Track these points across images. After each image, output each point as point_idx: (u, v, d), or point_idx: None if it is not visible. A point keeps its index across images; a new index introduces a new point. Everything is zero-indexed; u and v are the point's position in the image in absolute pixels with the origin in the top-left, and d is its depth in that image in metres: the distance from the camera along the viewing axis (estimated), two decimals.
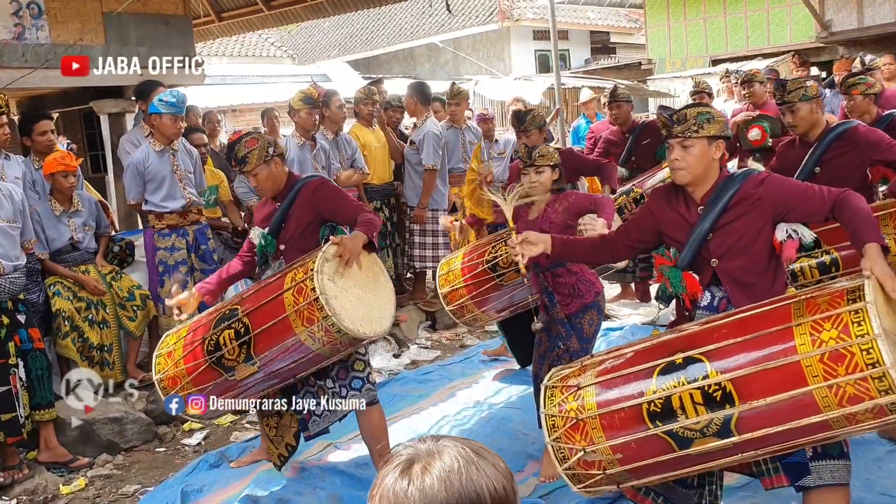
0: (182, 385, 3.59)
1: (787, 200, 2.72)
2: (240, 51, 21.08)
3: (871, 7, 11.81)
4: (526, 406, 4.90)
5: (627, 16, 23.85)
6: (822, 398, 2.33)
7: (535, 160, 3.96)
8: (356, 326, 3.34)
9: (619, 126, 6.40)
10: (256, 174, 3.69)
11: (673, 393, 2.51)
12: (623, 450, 2.59)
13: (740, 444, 2.46)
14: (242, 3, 9.67)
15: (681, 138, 2.77)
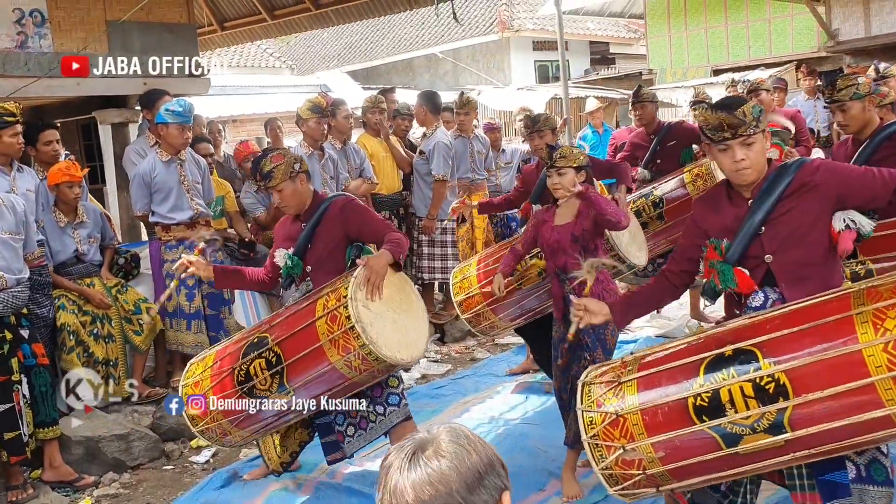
0: (212, 416, 3.49)
1: (846, 184, 2.56)
2: (238, 61, 21.02)
3: (878, 16, 11.76)
4: (544, 422, 4.79)
5: (627, 26, 23.84)
6: (885, 391, 2.16)
7: (555, 161, 3.85)
8: (394, 353, 3.25)
9: (645, 127, 6.26)
10: (281, 190, 3.59)
11: (721, 386, 2.35)
12: (666, 447, 2.43)
13: (793, 441, 2.29)
14: (245, 13, 9.60)
15: (744, 137, 2.59)
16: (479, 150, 7.15)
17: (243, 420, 3.49)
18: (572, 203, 3.90)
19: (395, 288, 3.45)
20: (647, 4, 19.13)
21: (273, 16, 9.33)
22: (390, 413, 3.59)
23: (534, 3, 21.47)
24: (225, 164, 7.05)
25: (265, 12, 9.32)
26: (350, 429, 3.66)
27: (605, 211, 3.75)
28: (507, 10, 21.26)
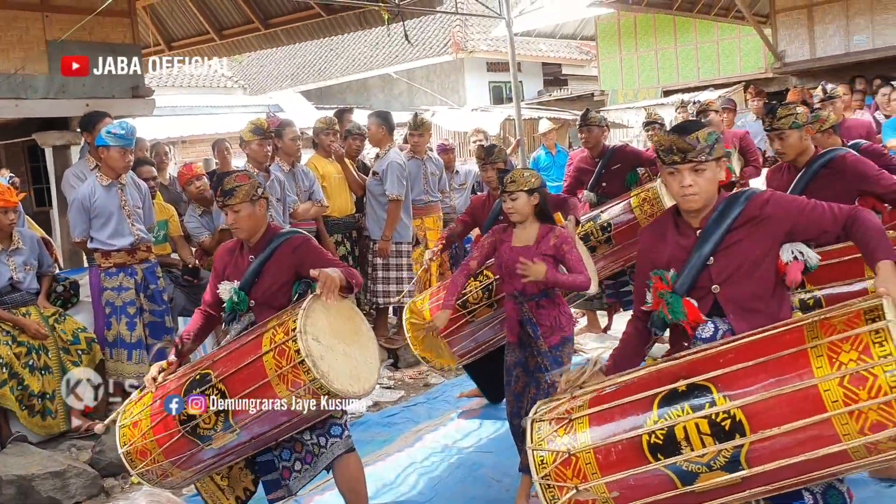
0: (153, 457, 3.32)
1: (796, 218, 2.53)
2: (190, 81, 20.73)
3: (822, 38, 12.04)
4: (497, 449, 4.70)
5: (579, 48, 24.10)
6: (842, 426, 2.14)
7: (507, 186, 3.89)
8: (345, 387, 3.12)
9: (590, 150, 6.29)
10: (238, 210, 3.45)
11: (676, 423, 2.30)
12: (620, 487, 2.37)
13: (750, 478, 2.25)
14: (193, 32, 9.46)
15: (694, 163, 2.54)
16: (433, 172, 7.08)
17: (185, 460, 3.32)
18: (530, 226, 3.93)
19: (344, 318, 3.34)
20: (598, 27, 19.35)
21: (221, 35, 9.21)
22: (332, 445, 3.46)
23: (487, 24, 21.57)
24: (171, 187, 6.87)
25: (213, 32, 9.19)
26: (297, 464, 3.51)
27: (567, 285, 3.87)
28: (460, 31, 21.33)
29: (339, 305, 3.34)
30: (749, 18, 13.16)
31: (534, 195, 3.89)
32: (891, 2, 11.43)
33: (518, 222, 3.95)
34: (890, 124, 7.93)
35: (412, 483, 4.40)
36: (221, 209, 3.57)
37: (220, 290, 3.51)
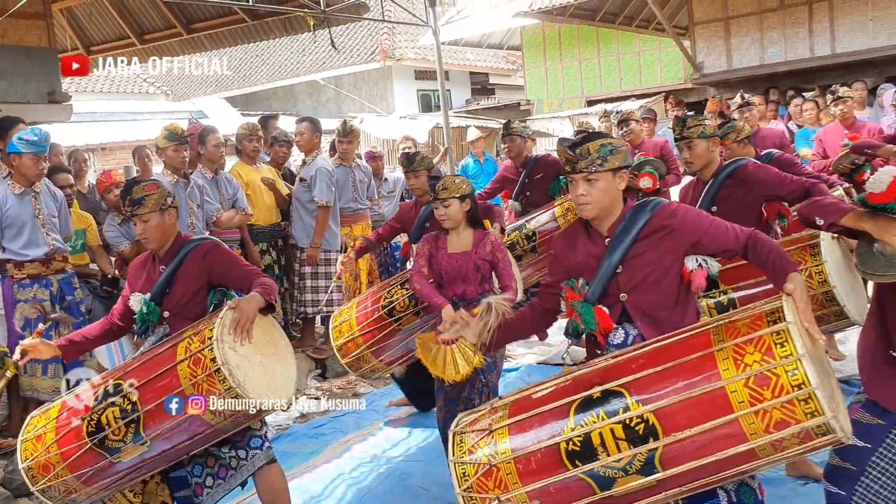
0: (56, 472, 3.16)
1: (701, 233, 2.64)
2: (110, 87, 20.18)
3: (738, 51, 12.45)
4: (426, 458, 4.69)
5: (505, 58, 24.37)
6: (748, 425, 2.23)
7: (439, 193, 3.94)
8: (261, 398, 3.06)
9: (513, 160, 6.35)
10: (147, 220, 3.36)
11: (592, 429, 2.35)
12: (541, 495, 2.41)
13: (665, 480, 2.32)
14: (113, 37, 9.21)
15: (585, 173, 2.63)
16: (361, 179, 7.04)
17: (92, 475, 3.17)
18: (464, 231, 4.00)
19: (262, 331, 3.27)
20: (523, 37, 19.63)
21: (142, 40, 8.99)
22: (253, 457, 3.38)
23: (414, 32, 21.63)
24: (89, 195, 6.65)
25: (134, 36, 8.97)
26: (209, 479, 3.41)
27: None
28: (388, 39, 21.33)
29: (260, 319, 3.25)
30: (669, 30, 13.53)
31: (465, 201, 3.96)
32: (802, 16, 11.91)
33: (451, 228, 4.01)
34: (802, 134, 8.27)
35: (340, 495, 4.35)
36: (130, 219, 3.47)
37: (131, 301, 3.41)
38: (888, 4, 11.16)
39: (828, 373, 2.42)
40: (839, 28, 11.67)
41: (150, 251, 3.52)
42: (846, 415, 2.37)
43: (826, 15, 11.74)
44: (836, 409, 2.23)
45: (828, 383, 2.30)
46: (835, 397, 2.30)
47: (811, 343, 2.32)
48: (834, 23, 11.68)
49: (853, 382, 5.12)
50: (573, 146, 2.66)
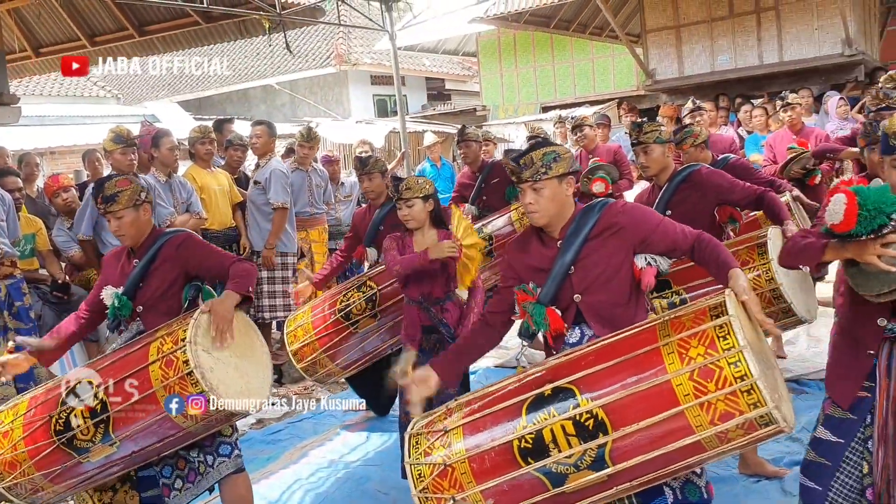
0: (22, 470, 3.11)
1: (648, 231, 2.70)
2: (59, 90, 19.77)
3: (689, 58, 12.66)
4: (384, 462, 4.68)
5: (461, 63, 24.46)
6: (694, 417, 2.28)
7: (402, 193, 3.94)
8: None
9: (469, 165, 6.39)
10: (122, 217, 3.32)
11: (544, 426, 2.38)
12: (494, 494, 2.43)
13: (615, 475, 2.35)
14: (63, 38, 9.03)
15: (531, 182, 2.69)
16: (318, 183, 7.01)
17: (59, 474, 3.12)
18: (428, 231, 4.02)
19: (239, 332, 3.21)
20: (479, 43, 19.72)
21: (93, 42, 8.82)
22: (220, 464, 3.34)
23: (370, 37, 21.60)
24: (38, 199, 6.51)
25: (84, 38, 8.80)
26: (178, 482, 3.37)
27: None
28: (344, 43, 21.26)
29: (235, 318, 3.21)
30: (622, 37, 13.71)
31: (429, 201, 3.99)
32: (750, 25, 12.17)
33: (415, 229, 4.03)
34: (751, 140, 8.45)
35: (298, 500, 4.31)
36: (104, 216, 3.43)
37: (103, 295, 3.37)
38: (832, 14, 11.46)
39: (771, 365, 2.49)
40: (786, 37, 11.95)
41: (123, 246, 3.48)
42: (790, 406, 2.43)
43: (773, 24, 12.02)
44: (779, 400, 2.28)
45: (770, 375, 2.36)
46: (778, 389, 2.37)
47: (754, 336, 2.39)
48: (781, 31, 11.96)
49: (803, 382, 5.26)
50: (517, 158, 2.73)
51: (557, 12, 14.29)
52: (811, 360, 5.45)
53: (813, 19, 11.75)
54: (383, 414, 5.32)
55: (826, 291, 7.28)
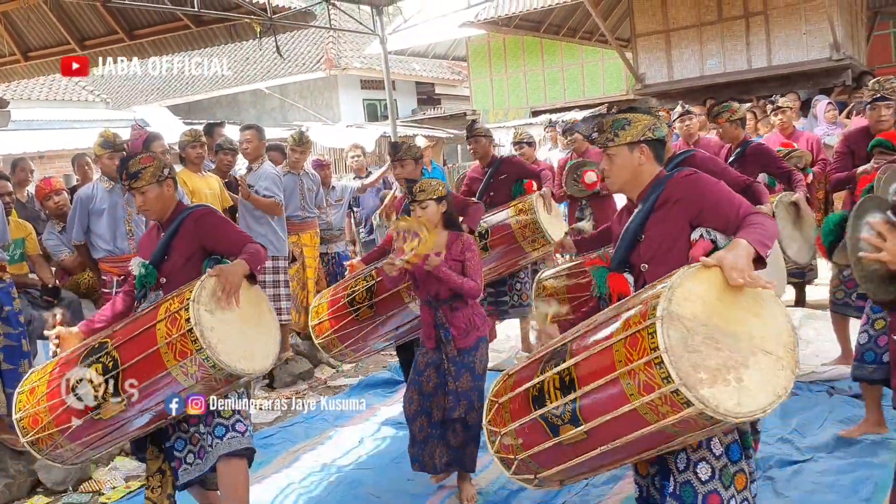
0: (43, 425, 3.23)
1: (703, 207, 2.64)
2: (48, 94, 19.69)
3: (679, 62, 12.72)
4: (377, 466, 4.68)
5: (451, 68, 24.51)
6: (626, 385, 2.32)
7: (416, 195, 3.95)
8: (233, 362, 3.05)
9: (480, 160, 6.41)
10: (145, 192, 3.44)
11: (545, 378, 2.60)
12: (521, 434, 2.67)
13: (591, 433, 2.46)
14: (52, 42, 8.98)
15: (603, 148, 2.79)
16: (310, 187, 7.01)
17: (74, 431, 3.22)
18: (441, 233, 3.98)
19: (248, 302, 3.27)
20: (469, 48, 19.78)
21: (83, 46, 8.78)
22: (216, 445, 3.34)
23: (360, 42, 21.62)
24: (28, 204, 6.47)
25: (74, 42, 8.76)
26: (189, 456, 3.43)
27: (456, 285, 3.88)
28: (333, 48, 21.27)
29: (247, 289, 3.29)
30: (612, 42, 13.77)
31: (442, 203, 3.97)
32: (739, 30, 12.24)
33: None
34: None
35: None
36: (129, 192, 3.55)
37: (131, 265, 3.50)
38: (820, 19, 11.54)
39: (732, 346, 2.32)
40: (775, 41, 12.03)
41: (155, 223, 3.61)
42: (739, 394, 2.26)
43: (762, 28, 12.09)
44: (706, 383, 2.21)
45: (715, 355, 2.27)
46: (724, 373, 2.26)
47: (702, 311, 2.31)
48: (770, 36, 12.03)
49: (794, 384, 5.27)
50: (593, 125, 2.83)
51: (547, 17, 14.35)
52: (802, 363, 5.46)
53: (801, 24, 11.84)
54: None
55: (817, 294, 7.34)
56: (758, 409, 2.27)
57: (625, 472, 4.25)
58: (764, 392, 2.30)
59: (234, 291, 3.15)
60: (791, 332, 2.42)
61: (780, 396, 2.32)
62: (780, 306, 2.45)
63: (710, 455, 2.57)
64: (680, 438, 2.40)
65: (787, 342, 2.39)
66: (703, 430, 2.36)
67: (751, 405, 2.27)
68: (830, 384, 5.23)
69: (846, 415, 4.66)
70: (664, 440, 2.42)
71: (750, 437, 2.70)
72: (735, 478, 2.60)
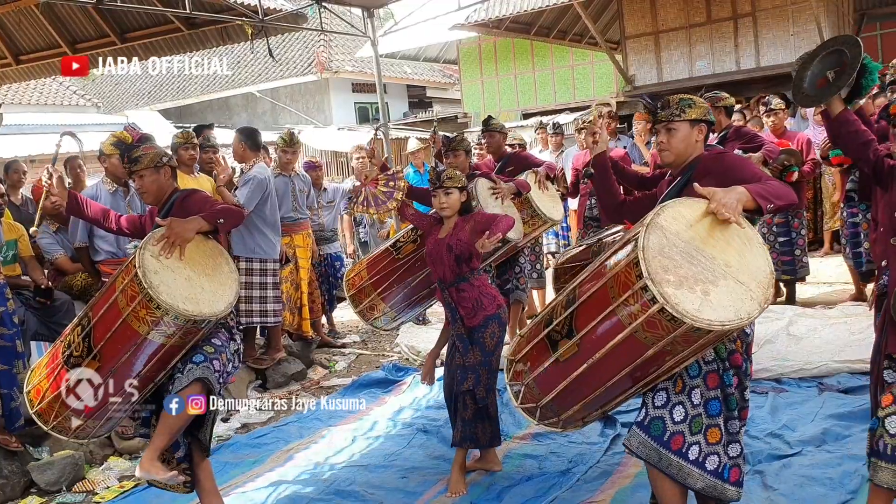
0: (43, 394, 3.46)
1: (728, 179, 2.79)
2: (38, 99, 19.67)
3: (668, 64, 12.79)
4: (369, 464, 4.70)
5: (442, 71, 24.55)
6: (609, 289, 2.68)
7: (444, 182, 4.14)
8: (175, 302, 3.18)
9: (492, 154, 6.47)
10: (143, 176, 3.70)
11: (556, 301, 2.98)
12: (529, 358, 3.04)
13: (583, 344, 2.78)
14: (43, 46, 8.98)
15: (666, 122, 2.99)
16: (301, 189, 7.02)
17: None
18: (453, 219, 4.20)
19: (205, 254, 3.45)
20: (460, 51, 19.82)
21: (74, 49, 8.77)
22: (188, 370, 3.39)
23: (351, 45, 21.64)
24: (22, 206, 6.47)
25: (66, 45, 8.75)
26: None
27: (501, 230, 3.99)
28: (325, 51, 21.29)
29: (204, 243, 3.47)
30: (602, 44, 13.84)
31: (463, 192, 4.20)
32: (728, 31, 12.32)
33: (447, 217, 4.21)
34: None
35: (284, 503, 4.31)
36: (130, 176, 3.80)
37: (128, 247, 3.74)
38: (808, 20, 11.62)
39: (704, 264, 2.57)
40: (763, 42, 12.11)
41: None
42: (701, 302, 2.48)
43: (750, 30, 12.17)
44: (675, 286, 2.48)
45: (687, 267, 2.52)
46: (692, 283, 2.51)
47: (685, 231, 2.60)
48: (758, 37, 12.11)
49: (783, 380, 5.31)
50: (658, 100, 3.06)
51: (537, 19, 14.39)
52: (791, 360, 5.51)
53: (789, 25, 11.92)
54: None
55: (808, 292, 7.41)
56: (717, 321, 2.48)
57: (615, 468, 4.30)
58: (726, 310, 2.51)
59: (178, 242, 3.31)
60: (769, 274, 2.63)
61: (742, 320, 2.52)
62: (764, 252, 2.67)
63: (687, 401, 2.83)
64: (652, 350, 2.61)
65: (762, 280, 2.60)
66: (670, 339, 2.57)
67: (710, 315, 2.48)
68: (819, 380, 5.27)
69: (836, 410, 4.69)
70: (640, 352, 2.65)
71: (734, 400, 2.87)
72: (708, 430, 2.82)
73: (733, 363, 2.89)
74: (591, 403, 3.02)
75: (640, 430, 2.86)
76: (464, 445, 4.20)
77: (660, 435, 2.81)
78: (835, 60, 3.27)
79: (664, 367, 2.76)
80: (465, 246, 4.08)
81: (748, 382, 2.97)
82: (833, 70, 3.26)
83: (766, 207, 2.65)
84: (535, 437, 4.88)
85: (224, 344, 3.57)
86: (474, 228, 4.09)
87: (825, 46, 3.36)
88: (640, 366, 2.73)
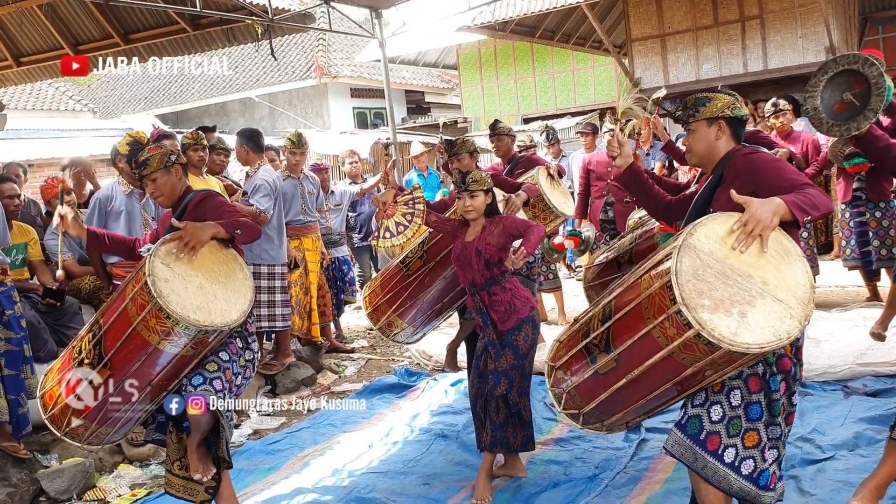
0: (55, 399, 3.37)
1: (757, 183, 2.73)
2: (35, 104, 19.54)
3: (675, 66, 12.70)
4: (389, 470, 4.59)
5: (440, 76, 24.47)
6: (644, 310, 2.61)
7: (468, 185, 4.06)
8: (186, 312, 3.06)
9: (501, 158, 6.41)
10: (155, 179, 3.63)
11: (593, 313, 2.92)
12: (568, 367, 3.00)
13: (619, 360, 2.73)
14: (45, 47, 8.86)
15: (685, 124, 2.97)
16: (310, 191, 6.92)
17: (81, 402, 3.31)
18: (479, 223, 4.12)
19: (218, 261, 3.33)
20: (459, 56, 19.74)
21: (77, 50, 8.66)
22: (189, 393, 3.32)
23: (350, 50, 21.56)
24: (24, 209, 6.34)
25: (68, 46, 8.64)
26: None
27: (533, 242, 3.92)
28: (323, 56, 21.19)
29: (219, 250, 3.35)
30: (608, 46, 13.78)
31: (489, 195, 4.11)
32: (735, 33, 12.24)
33: (473, 220, 4.12)
34: None
35: None
36: (140, 181, 3.73)
37: (141, 250, 3.61)
38: (816, 22, 11.56)
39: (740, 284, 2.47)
40: (770, 45, 12.03)
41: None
42: (738, 325, 2.41)
43: (758, 32, 12.09)
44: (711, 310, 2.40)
45: (722, 289, 2.43)
46: (728, 306, 2.42)
47: (719, 250, 2.50)
48: (765, 39, 12.03)
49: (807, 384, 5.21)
50: (679, 103, 3.00)
51: (542, 22, 14.31)
52: (813, 363, 5.41)
53: (796, 27, 11.85)
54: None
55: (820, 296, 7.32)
56: (755, 344, 2.40)
57: (644, 473, 4.20)
58: (764, 331, 2.42)
59: (192, 242, 3.20)
60: (809, 289, 2.52)
61: (782, 340, 2.43)
62: (804, 265, 2.55)
63: (726, 402, 2.73)
64: (690, 370, 2.55)
65: (802, 296, 2.50)
66: (708, 361, 2.49)
67: (748, 338, 2.40)
68: (844, 384, 5.19)
69: (866, 414, 4.60)
70: (678, 371, 2.59)
71: (779, 406, 2.77)
72: (745, 434, 2.72)
73: (781, 368, 2.77)
74: (634, 411, 2.98)
75: (678, 429, 2.80)
76: (493, 450, 4.09)
77: (696, 434, 2.74)
78: (844, 81, 3.23)
79: (706, 381, 2.71)
80: (495, 250, 4.00)
81: (796, 387, 2.87)
82: (850, 92, 3.21)
83: (802, 220, 2.54)
84: (557, 442, 4.78)
85: (231, 358, 3.46)
86: (504, 233, 4.02)
87: (824, 71, 3.37)
88: (681, 382, 2.69)
